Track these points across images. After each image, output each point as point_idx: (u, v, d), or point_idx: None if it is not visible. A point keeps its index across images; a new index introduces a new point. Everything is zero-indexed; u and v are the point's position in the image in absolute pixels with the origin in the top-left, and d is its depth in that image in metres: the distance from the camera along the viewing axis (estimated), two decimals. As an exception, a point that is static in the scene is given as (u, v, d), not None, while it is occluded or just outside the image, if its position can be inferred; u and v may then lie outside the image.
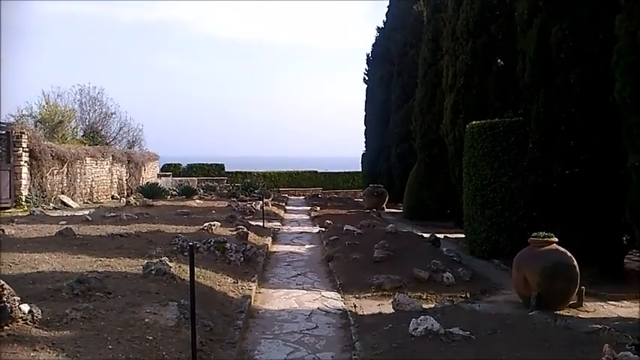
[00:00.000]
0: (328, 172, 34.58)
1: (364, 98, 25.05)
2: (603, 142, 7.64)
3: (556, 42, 8.04)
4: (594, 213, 7.81)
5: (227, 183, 29.20)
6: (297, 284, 7.99)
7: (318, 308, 6.67)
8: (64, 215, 13.59)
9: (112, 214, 12.76)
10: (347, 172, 33.75)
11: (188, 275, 4.42)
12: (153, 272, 6.50)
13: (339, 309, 6.60)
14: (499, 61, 11.00)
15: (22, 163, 15.88)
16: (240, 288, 7.12)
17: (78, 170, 19.09)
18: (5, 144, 15.54)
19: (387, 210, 19.19)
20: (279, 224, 14.89)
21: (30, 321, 4.43)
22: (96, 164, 20.70)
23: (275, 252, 10.71)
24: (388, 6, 22.48)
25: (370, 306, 6.62)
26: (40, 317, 4.53)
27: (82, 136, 24.81)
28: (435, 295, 7.05)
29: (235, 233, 10.66)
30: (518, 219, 9.19)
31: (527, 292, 6.47)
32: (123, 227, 10.56)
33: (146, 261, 6.96)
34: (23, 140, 15.98)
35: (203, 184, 26.19)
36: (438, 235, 10.85)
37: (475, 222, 9.79)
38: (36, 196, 16.17)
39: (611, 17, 6.72)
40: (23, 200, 15.64)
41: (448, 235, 12.16)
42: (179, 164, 33.07)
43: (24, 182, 15.89)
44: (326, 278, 8.35)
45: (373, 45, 24.30)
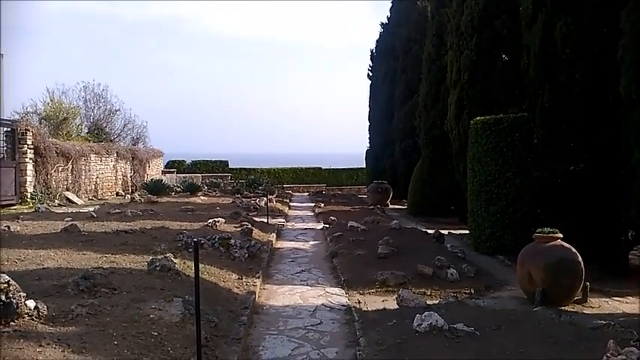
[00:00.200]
0: (332, 169, 34.63)
1: (368, 94, 25.02)
2: (612, 134, 7.57)
3: (561, 37, 8.00)
4: (599, 209, 7.78)
5: (231, 179, 29.24)
6: (301, 280, 8.00)
7: (322, 304, 6.68)
8: (69, 212, 13.65)
9: (117, 211, 12.81)
10: (351, 169, 33.77)
11: (193, 271, 4.43)
12: (158, 268, 6.52)
13: (344, 305, 6.61)
14: (504, 57, 10.97)
15: (27, 160, 15.95)
16: (244, 284, 7.14)
17: (83, 167, 19.13)
18: (10, 141, 15.60)
19: (391, 206, 19.18)
20: (283, 221, 14.89)
21: (36, 317, 4.45)
22: (100, 161, 20.75)
23: (279, 248, 10.72)
24: (392, 1, 22.42)
25: (374, 302, 6.62)
26: (46, 313, 4.55)
27: (87, 133, 24.85)
28: (439, 291, 7.06)
29: (240, 230, 10.68)
30: (522, 215, 9.15)
31: (531, 288, 6.46)
32: (128, 224, 10.61)
33: (151, 257, 7.00)
34: (28, 137, 16.04)
35: (207, 181, 26.22)
36: (442, 231, 10.86)
37: (479, 218, 9.76)
38: (41, 193, 16.23)
39: (616, 12, 6.69)
40: (28, 197, 15.71)
41: (452, 231, 12.14)
42: (183, 161, 33.17)
43: (29, 179, 15.96)
44: (330, 274, 8.36)
45: (377, 41, 24.16)
